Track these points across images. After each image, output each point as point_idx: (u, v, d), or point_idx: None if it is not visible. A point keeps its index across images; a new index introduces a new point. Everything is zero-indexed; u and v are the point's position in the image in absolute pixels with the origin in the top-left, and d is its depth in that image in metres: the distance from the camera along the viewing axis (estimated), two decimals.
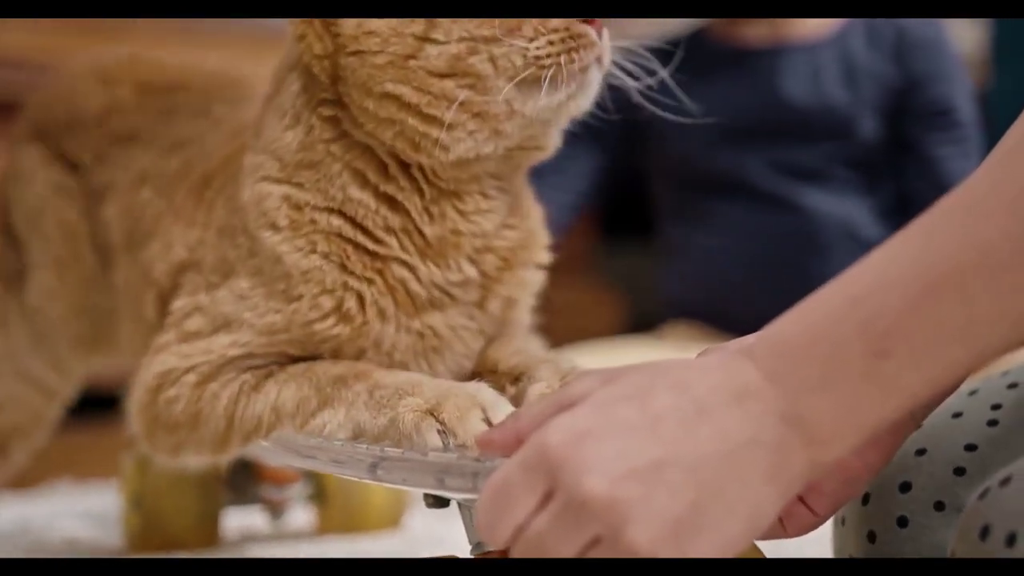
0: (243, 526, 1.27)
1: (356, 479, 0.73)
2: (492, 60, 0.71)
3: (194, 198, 0.85)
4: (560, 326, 1.61)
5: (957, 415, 0.77)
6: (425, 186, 0.75)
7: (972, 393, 0.78)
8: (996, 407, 0.76)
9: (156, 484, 1.15)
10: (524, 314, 0.83)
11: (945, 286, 0.54)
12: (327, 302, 0.75)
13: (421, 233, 0.76)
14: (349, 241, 0.75)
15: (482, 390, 0.69)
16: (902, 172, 1.58)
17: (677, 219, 1.66)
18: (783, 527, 0.65)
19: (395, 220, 0.75)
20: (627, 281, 2.13)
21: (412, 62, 0.71)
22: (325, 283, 0.75)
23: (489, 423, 0.67)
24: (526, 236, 0.81)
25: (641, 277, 1.94)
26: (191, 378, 0.77)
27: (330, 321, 0.75)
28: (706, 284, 1.56)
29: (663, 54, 1.72)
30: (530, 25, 0.71)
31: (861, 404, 0.54)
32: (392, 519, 1.22)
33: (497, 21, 0.71)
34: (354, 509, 1.20)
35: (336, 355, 0.76)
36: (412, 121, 0.72)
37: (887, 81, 1.57)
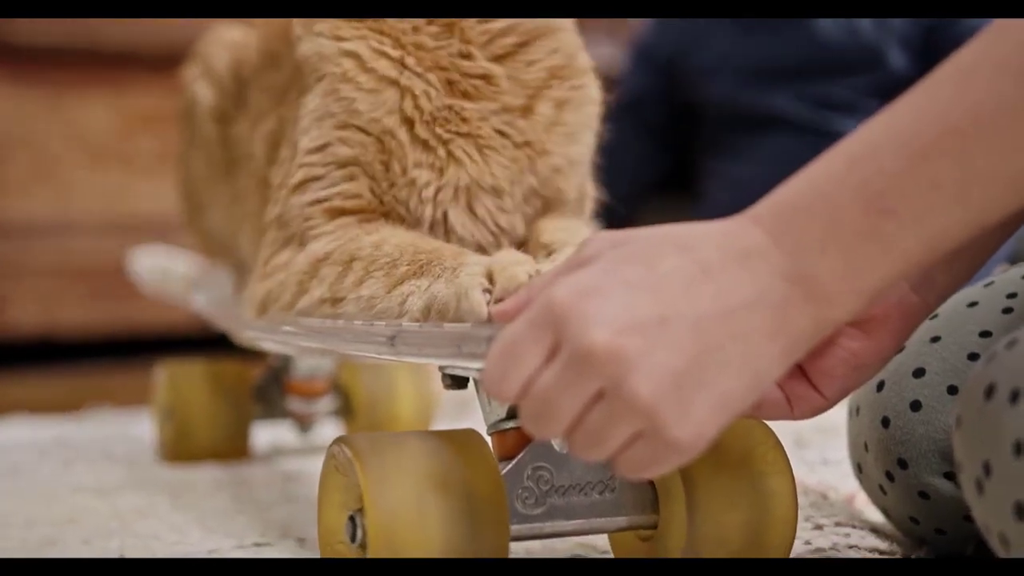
0: (272, 439, 1.29)
1: (376, 356, 0.74)
2: None
3: None
4: None
5: (972, 304, 0.77)
6: None
7: (988, 284, 0.79)
8: (1011, 295, 0.76)
9: (187, 396, 1.17)
10: (574, 182, 0.83)
11: (940, 146, 0.54)
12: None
13: None
14: None
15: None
16: None
17: (714, 154, 1.67)
18: (791, 408, 0.66)
19: None
20: None
21: None
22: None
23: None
24: (567, 62, 0.82)
25: None
26: (287, 250, 0.80)
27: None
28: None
29: None
30: None
31: (863, 262, 0.55)
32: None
33: None
34: (381, 422, 1.21)
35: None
36: None
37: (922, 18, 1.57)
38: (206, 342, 1.49)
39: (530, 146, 0.81)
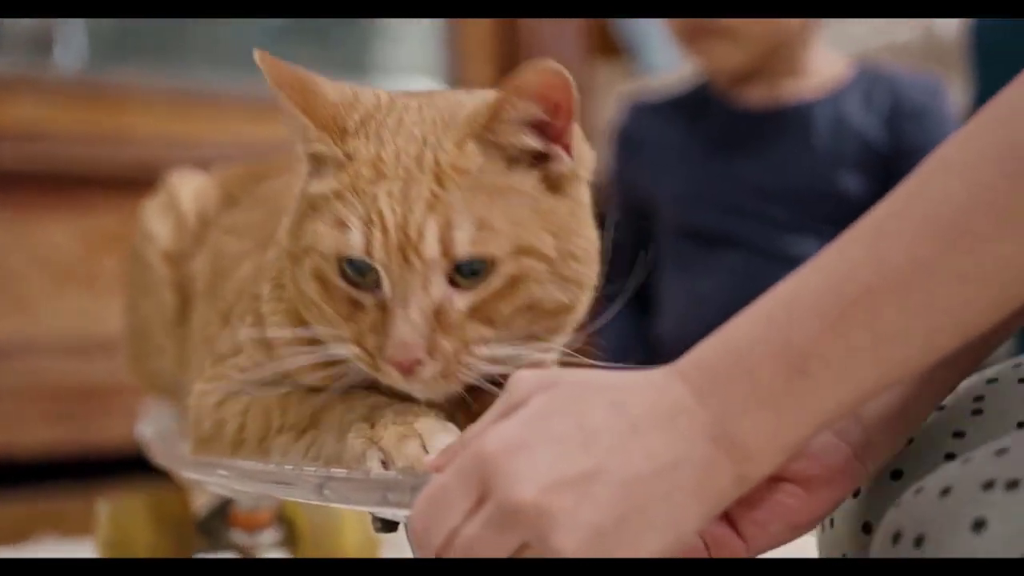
0: None
1: (305, 501, 0.74)
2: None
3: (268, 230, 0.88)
4: None
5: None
6: None
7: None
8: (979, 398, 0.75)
9: (129, 531, 1.17)
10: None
11: (855, 306, 0.56)
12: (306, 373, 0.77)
13: None
14: None
15: (421, 417, 0.70)
16: None
17: (669, 267, 1.69)
18: (708, 553, 0.66)
19: None
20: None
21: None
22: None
23: (426, 449, 0.68)
24: None
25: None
26: (211, 400, 0.81)
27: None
28: (695, 329, 1.58)
29: (670, 109, 1.76)
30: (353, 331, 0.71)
31: (782, 422, 0.56)
32: None
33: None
34: (326, 554, 1.20)
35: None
36: None
37: (876, 145, 1.60)
38: None
39: None
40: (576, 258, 0.71)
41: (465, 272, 0.68)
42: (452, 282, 0.68)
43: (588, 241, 0.73)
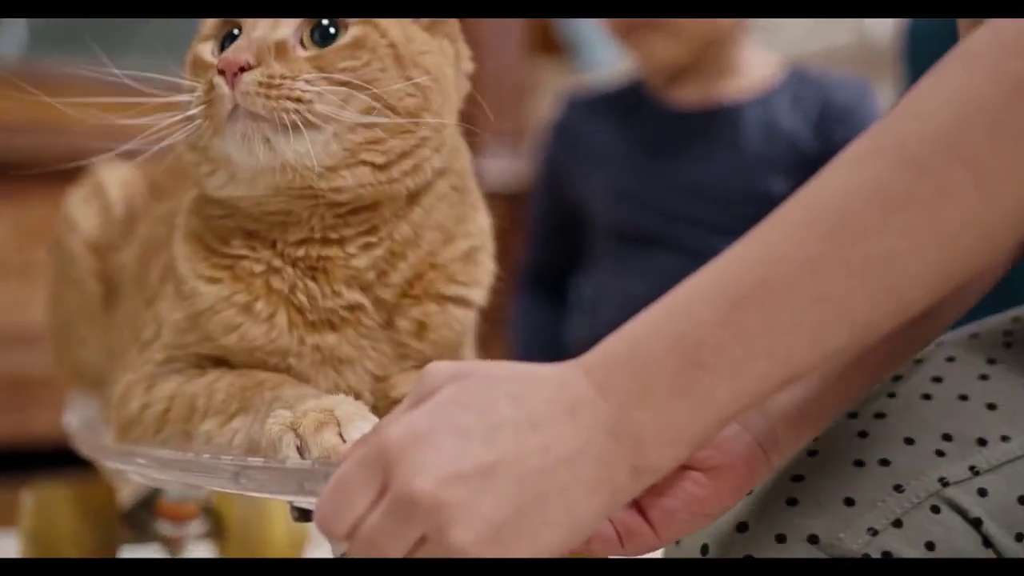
0: None
1: (222, 490, 0.74)
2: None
3: None
4: None
5: None
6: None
7: None
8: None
9: (53, 521, 1.16)
10: (451, 351, 0.83)
11: (749, 298, 0.56)
12: (224, 307, 0.78)
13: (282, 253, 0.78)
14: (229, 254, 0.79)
15: (342, 404, 0.71)
16: None
17: (600, 267, 1.70)
18: (621, 545, 0.67)
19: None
20: None
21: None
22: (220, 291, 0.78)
23: (343, 438, 0.68)
24: (430, 271, 0.81)
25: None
26: (140, 387, 0.81)
27: (233, 319, 0.78)
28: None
29: (604, 105, 1.76)
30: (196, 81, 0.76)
31: (678, 415, 0.57)
32: (292, 555, 1.23)
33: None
34: (253, 545, 1.20)
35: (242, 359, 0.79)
36: None
37: (804, 148, 1.61)
38: None
39: (400, 355, 0.81)
40: (427, 71, 0.76)
41: (317, 39, 0.74)
42: (302, 44, 0.74)
43: (443, 73, 0.77)
